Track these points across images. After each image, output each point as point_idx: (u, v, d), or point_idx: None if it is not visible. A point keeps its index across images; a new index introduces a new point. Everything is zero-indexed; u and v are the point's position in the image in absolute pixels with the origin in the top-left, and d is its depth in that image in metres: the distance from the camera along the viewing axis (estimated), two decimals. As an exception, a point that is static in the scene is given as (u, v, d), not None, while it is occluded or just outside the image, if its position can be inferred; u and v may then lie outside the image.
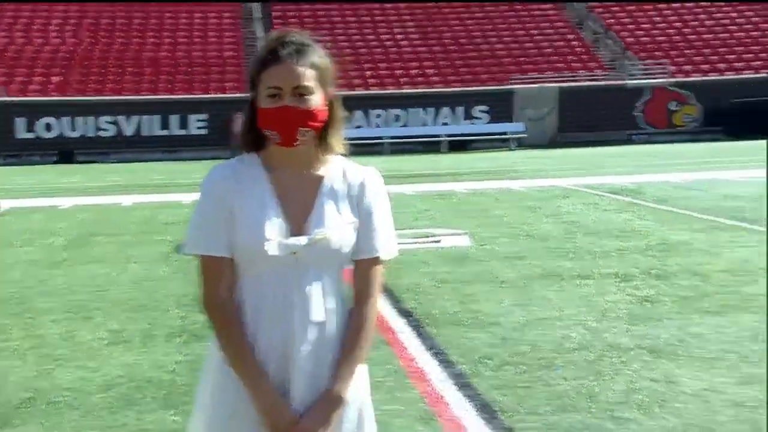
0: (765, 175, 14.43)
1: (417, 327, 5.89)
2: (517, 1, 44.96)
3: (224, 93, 36.29)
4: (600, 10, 43.71)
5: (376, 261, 2.02)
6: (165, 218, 12.96)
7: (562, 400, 4.30)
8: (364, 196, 2.02)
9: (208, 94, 36.18)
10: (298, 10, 44.23)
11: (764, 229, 9.70)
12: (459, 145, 35.20)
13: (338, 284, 2.02)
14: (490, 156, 30.49)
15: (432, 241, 9.98)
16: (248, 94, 2.04)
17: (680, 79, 37.34)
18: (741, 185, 15.14)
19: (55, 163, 32.83)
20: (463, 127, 36.26)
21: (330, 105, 2.02)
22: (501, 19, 43.45)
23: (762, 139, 31.54)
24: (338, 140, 2.05)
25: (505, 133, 35.61)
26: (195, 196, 2.27)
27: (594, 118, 35.69)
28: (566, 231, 10.42)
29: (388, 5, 44.92)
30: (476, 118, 36.52)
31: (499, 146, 35.30)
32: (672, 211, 11.98)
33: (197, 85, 36.85)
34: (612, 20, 42.90)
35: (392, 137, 35.68)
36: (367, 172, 2.07)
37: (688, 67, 38.66)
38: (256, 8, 44.28)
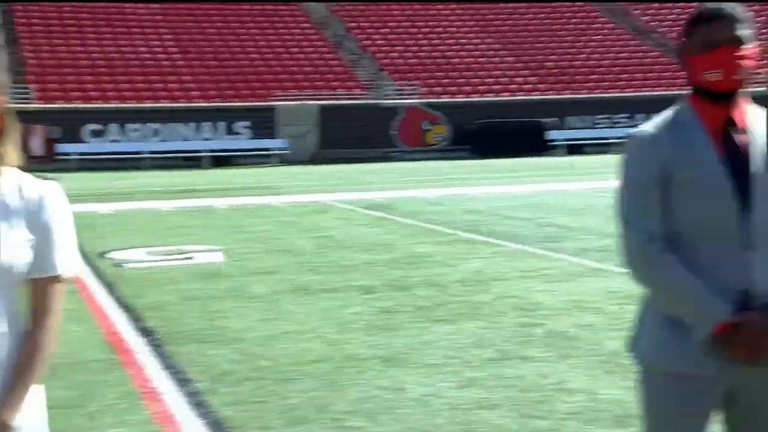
0: (502, 190, 15.54)
1: (157, 346, 5.80)
2: (278, 19, 45.43)
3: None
4: (357, 31, 45.10)
5: (54, 280, 1.96)
6: None
7: (294, 413, 4.41)
8: (41, 212, 1.95)
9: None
10: (42, 12, 42.05)
11: (497, 241, 10.47)
12: (222, 161, 34.89)
13: (11, 305, 1.95)
14: (252, 172, 30.48)
15: (184, 258, 9.85)
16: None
17: (431, 100, 39.28)
18: (481, 200, 16.16)
19: None
20: (226, 143, 36.00)
21: (1, 115, 1.94)
22: (262, 36, 43.66)
23: (503, 157, 33.96)
24: (13, 152, 1.97)
25: (267, 149, 35.76)
26: None
27: (353, 136, 36.67)
28: (319, 245, 10.66)
29: (144, 14, 43.77)
30: (238, 133, 36.40)
31: (262, 162, 35.38)
32: (419, 225, 12.57)
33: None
34: (368, 42, 44.36)
35: (151, 152, 34.75)
36: (46, 187, 2.00)
37: (438, 89, 40.73)
38: None
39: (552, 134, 38.50)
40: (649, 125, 2.37)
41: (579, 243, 10.25)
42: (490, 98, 40.15)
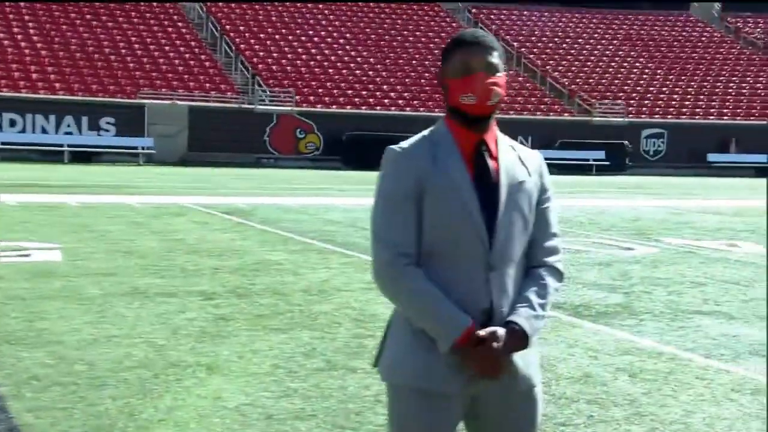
0: (365, 202, 15.51)
1: (-33, 347, 5.45)
2: (152, 16, 44.36)
3: None
4: (233, 34, 44.54)
5: None
6: None
7: (101, 420, 4.21)
8: None
9: None
10: None
11: (349, 252, 10.46)
12: (83, 157, 33.70)
13: None
14: (114, 170, 29.56)
15: (19, 255, 9.38)
16: None
17: (305, 108, 39.18)
18: (342, 211, 16.17)
19: None
20: (88, 138, 34.78)
21: None
22: (134, 33, 42.51)
23: (370, 170, 34.21)
24: None
25: (135, 148, 34.78)
26: None
27: (225, 140, 36.14)
28: (168, 248, 10.37)
29: (7, 2, 41.90)
30: (104, 129, 35.24)
31: (128, 160, 34.37)
32: (275, 233, 12.42)
33: None
34: (244, 45, 43.89)
35: (5, 143, 33.20)
36: None
37: (313, 98, 40.68)
38: None
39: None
40: (407, 142, 2.42)
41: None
42: (364, 111, 40.40)
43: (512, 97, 45.07)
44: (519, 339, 2.32)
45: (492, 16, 53.18)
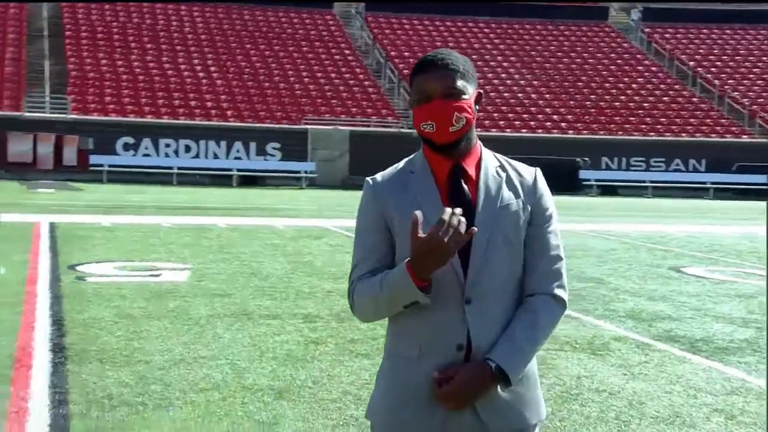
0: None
1: (60, 363, 5.70)
2: (321, 44, 45.82)
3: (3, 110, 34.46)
4: (397, 60, 45.23)
5: None
6: None
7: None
8: None
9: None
10: (90, 26, 42.85)
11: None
12: (250, 181, 35.12)
13: None
14: (276, 193, 30.59)
15: (149, 275, 9.80)
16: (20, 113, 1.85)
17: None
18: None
19: None
20: (255, 163, 36.24)
21: None
22: (302, 60, 44.01)
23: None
24: None
25: (297, 172, 35.90)
26: None
27: (383, 163, 36.43)
28: (291, 270, 10.53)
29: (188, 32, 44.45)
30: (270, 154, 36.61)
31: (292, 184, 35.50)
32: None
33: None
34: (407, 71, 44.42)
35: (181, 168, 35.11)
36: None
37: (487, 123, 40.56)
38: (45, 26, 42.54)
39: (585, 174, 38.06)
40: (382, 172, 2.32)
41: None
42: (524, 134, 39.89)
43: (685, 118, 43.23)
44: (490, 376, 2.14)
45: (667, 35, 51.28)
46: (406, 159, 2.32)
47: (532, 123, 41.39)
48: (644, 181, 38.78)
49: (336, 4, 50.21)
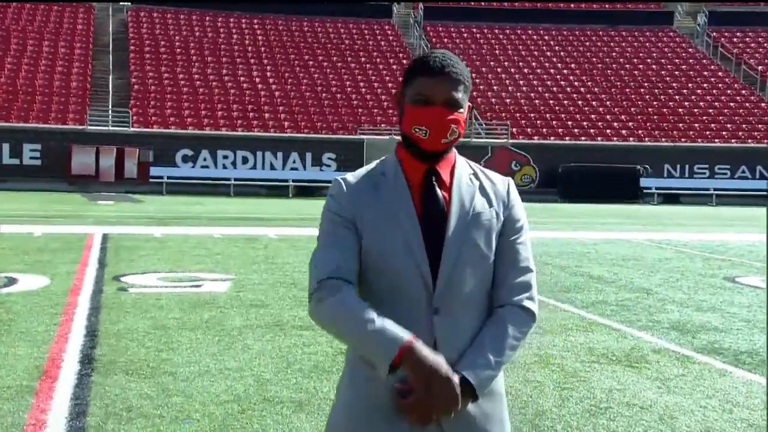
0: (564, 236, 14.99)
1: (86, 375, 5.72)
2: (379, 54, 45.95)
3: (64, 124, 35.28)
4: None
5: None
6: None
7: (158, 453, 4.22)
8: None
9: (47, 123, 35.06)
10: (153, 40, 43.66)
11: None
12: (306, 191, 35.34)
13: None
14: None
15: (191, 286, 9.86)
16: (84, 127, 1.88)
17: (520, 140, 38.76)
18: (534, 246, 15.66)
19: None
20: (310, 173, 36.45)
21: None
22: (360, 70, 44.18)
23: (590, 202, 33.11)
24: None
25: (352, 182, 35.94)
26: None
27: (440, 173, 36.53)
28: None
29: (248, 44, 44.99)
30: (325, 165, 36.79)
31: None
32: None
33: (34, 114, 35.64)
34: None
35: (237, 179, 35.50)
36: None
37: (530, 130, 40.19)
38: (110, 41, 43.52)
39: (646, 182, 37.38)
40: (353, 173, 2.23)
41: (594, 295, 9.75)
42: (584, 142, 39.36)
43: (752, 124, 42.17)
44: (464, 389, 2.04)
45: (734, 39, 50.16)
46: (376, 161, 2.25)
47: (592, 131, 40.81)
48: (708, 189, 37.93)
49: (395, 14, 50.35)
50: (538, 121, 40.88)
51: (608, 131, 40.98)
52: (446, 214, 2.13)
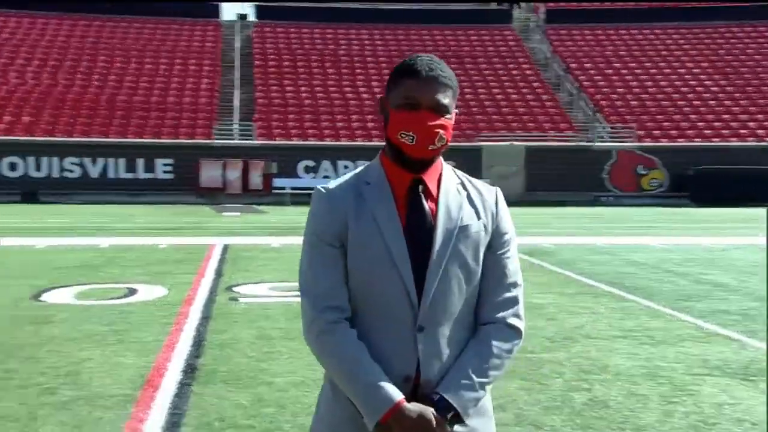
0: (691, 242, 14.42)
1: (187, 385, 5.85)
2: (499, 60, 45.58)
3: (193, 139, 36.57)
4: (577, 72, 44.20)
5: None
6: (61, 261, 12.97)
7: (243, 464, 4.25)
8: None
9: (177, 139, 36.42)
10: (277, 56, 44.74)
11: (629, 296, 9.72)
12: (427, 200, 35.34)
13: None
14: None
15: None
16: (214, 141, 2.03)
17: (646, 144, 37.56)
18: (652, 251, 15.12)
19: (18, 202, 32.98)
20: (428, 182, 36.45)
21: None
22: (479, 76, 43.92)
23: (725, 207, 31.70)
24: None
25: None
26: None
27: (561, 179, 35.84)
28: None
29: (369, 59, 45.50)
30: (444, 173, 36.68)
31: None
32: (563, 273, 11.95)
33: (166, 130, 37.11)
34: (587, 83, 43.33)
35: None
36: None
37: (657, 132, 38.91)
38: (236, 57, 44.87)
39: (781, 184, 35.53)
40: (335, 181, 2.14)
41: (715, 304, 9.28)
42: (716, 143, 37.78)
43: None
44: (439, 413, 1.98)
45: None
46: (358, 168, 2.16)
47: (724, 131, 39.14)
48: None
49: (515, 18, 49.86)
50: (666, 123, 39.53)
51: (742, 131, 39.22)
52: (433, 226, 2.04)
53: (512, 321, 2.07)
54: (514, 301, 2.09)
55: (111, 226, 20.81)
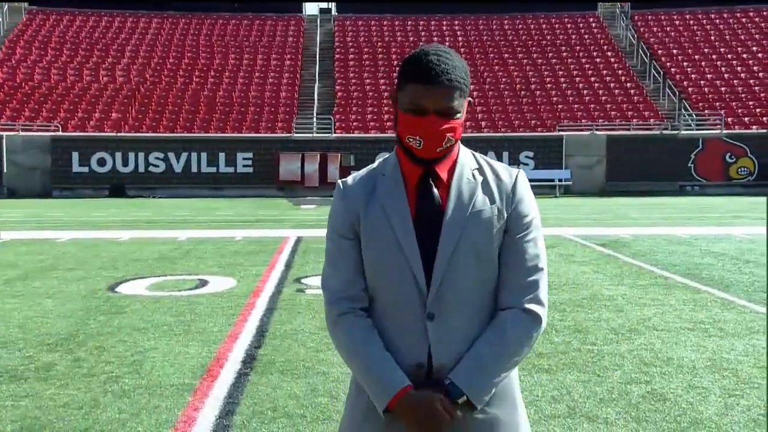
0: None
1: (244, 374, 5.94)
2: (582, 49, 44.80)
3: (273, 133, 37.05)
4: (664, 59, 43.11)
5: None
6: (142, 253, 13.33)
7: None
8: None
9: (258, 133, 36.96)
10: (357, 58, 44.87)
11: (705, 288, 9.45)
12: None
13: None
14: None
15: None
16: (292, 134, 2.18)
17: (735, 131, 36.38)
18: (737, 242, 14.67)
19: (107, 197, 34.03)
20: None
21: None
22: (561, 65, 43.26)
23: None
24: None
25: (552, 180, 35.25)
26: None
27: (645, 168, 35.03)
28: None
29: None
30: (522, 163, 36.27)
31: (547, 193, 34.92)
32: (638, 265, 11.68)
33: (247, 125, 37.68)
34: (675, 69, 42.22)
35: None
36: None
37: (747, 119, 37.65)
38: (317, 51, 45.26)
39: None
40: (354, 174, 2.20)
41: (792, 295, 8.95)
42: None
43: None
44: (450, 400, 1.99)
45: None
46: (380, 160, 2.19)
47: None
48: None
49: (600, 5, 48.93)
50: (758, 110, 38.21)
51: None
52: (442, 213, 2.04)
53: (530, 306, 2.05)
54: (532, 286, 2.06)
55: (191, 219, 21.28)
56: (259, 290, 9.72)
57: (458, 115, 2.04)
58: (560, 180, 35.14)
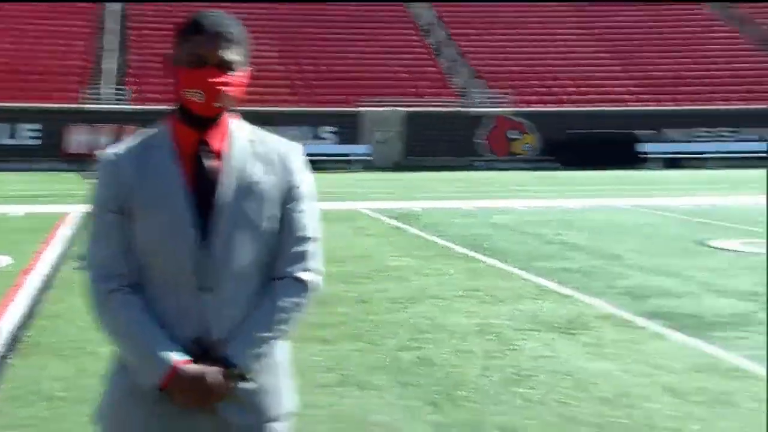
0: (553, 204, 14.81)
1: (5, 358, 5.66)
2: (384, 24, 45.55)
3: (65, 103, 35.19)
4: (460, 38, 44.63)
5: None
6: None
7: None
8: None
9: (47, 103, 34.98)
10: (155, 29, 43.45)
11: (480, 257, 9.94)
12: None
13: None
14: (328, 177, 30.50)
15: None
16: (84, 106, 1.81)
17: (520, 108, 38.37)
18: (515, 214, 15.51)
19: None
20: (309, 148, 36.18)
21: None
22: (363, 42, 43.78)
23: (592, 170, 32.76)
24: None
25: (351, 155, 35.71)
26: None
27: (439, 144, 36.27)
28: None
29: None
30: (323, 138, 36.53)
31: (344, 168, 35.34)
32: (424, 237, 12.10)
33: (33, 94, 35.56)
34: (469, 48, 43.83)
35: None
36: None
37: (533, 98, 39.78)
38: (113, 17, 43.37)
39: (648, 147, 36.96)
40: (118, 146, 2.10)
41: (559, 263, 9.60)
42: (585, 108, 38.90)
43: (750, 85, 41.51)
44: (228, 373, 1.98)
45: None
46: (144, 132, 2.11)
47: (595, 97, 40.34)
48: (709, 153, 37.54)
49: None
50: (543, 89, 40.42)
51: (610, 96, 40.50)
52: (216, 184, 2.01)
53: (300, 275, 2.05)
54: (304, 255, 2.06)
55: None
56: (31, 268, 9.24)
57: (237, 72, 2.02)
58: (359, 155, 35.69)
